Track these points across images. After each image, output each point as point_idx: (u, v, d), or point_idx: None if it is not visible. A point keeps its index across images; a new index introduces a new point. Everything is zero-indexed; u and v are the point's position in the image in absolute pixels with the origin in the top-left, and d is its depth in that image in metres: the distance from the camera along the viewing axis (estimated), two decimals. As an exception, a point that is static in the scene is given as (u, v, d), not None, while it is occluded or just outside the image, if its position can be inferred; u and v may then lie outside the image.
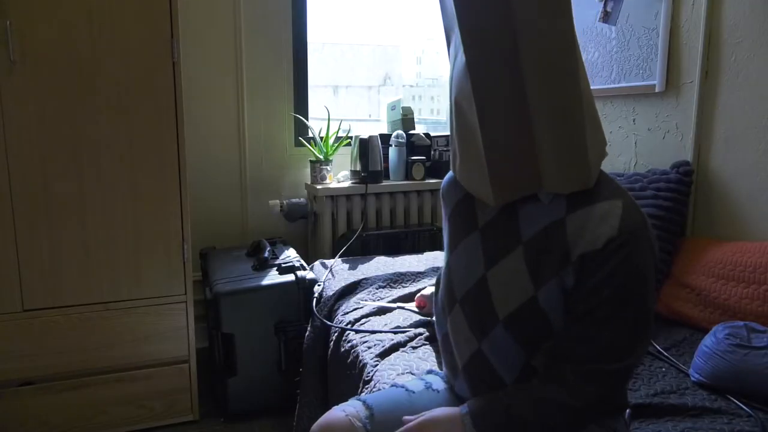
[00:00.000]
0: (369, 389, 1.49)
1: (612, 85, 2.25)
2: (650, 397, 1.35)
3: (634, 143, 2.20)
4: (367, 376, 1.53)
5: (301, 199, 2.67)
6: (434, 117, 3.30)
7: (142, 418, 2.07)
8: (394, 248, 2.68)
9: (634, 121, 2.20)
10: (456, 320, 1.14)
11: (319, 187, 2.56)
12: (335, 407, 1.18)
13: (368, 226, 2.66)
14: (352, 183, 2.65)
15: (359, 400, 1.19)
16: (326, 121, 2.66)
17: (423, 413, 1.04)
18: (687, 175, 1.90)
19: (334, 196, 2.60)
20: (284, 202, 2.63)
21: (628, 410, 1.23)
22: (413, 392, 1.21)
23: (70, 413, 1.98)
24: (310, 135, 2.70)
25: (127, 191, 1.94)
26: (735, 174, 1.86)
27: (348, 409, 1.16)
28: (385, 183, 2.67)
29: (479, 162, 0.99)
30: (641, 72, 2.13)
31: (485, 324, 1.08)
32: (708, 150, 1.94)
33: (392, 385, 1.28)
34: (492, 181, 0.98)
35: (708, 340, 1.42)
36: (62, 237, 1.90)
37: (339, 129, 2.71)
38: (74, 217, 1.90)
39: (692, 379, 1.42)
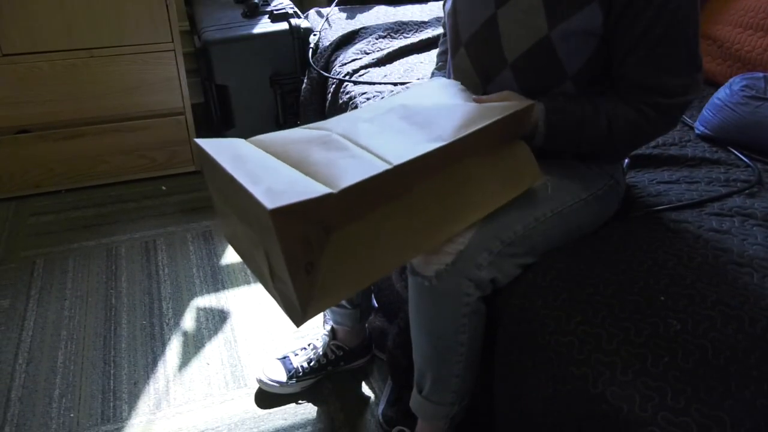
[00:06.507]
0: (367, 138, 1.47)
1: None
2: (650, 149, 1.34)
3: None
4: (366, 126, 1.51)
5: (292, -62, 2.37)
6: None
7: (144, 168, 2.11)
8: (395, -2, 2.46)
9: None
10: (460, 64, 1.07)
11: None
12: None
13: (367, -29, 2.41)
14: None
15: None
16: None
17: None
18: None
19: (329, -67, 2.30)
20: (273, -60, 2.33)
21: (626, 160, 1.23)
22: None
23: (71, 162, 2.01)
24: None
25: None
26: None
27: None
28: None
29: None
30: None
31: (491, 68, 1.02)
32: None
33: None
34: None
35: (721, 93, 1.36)
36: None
37: None
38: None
39: (696, 131, 1.39)
